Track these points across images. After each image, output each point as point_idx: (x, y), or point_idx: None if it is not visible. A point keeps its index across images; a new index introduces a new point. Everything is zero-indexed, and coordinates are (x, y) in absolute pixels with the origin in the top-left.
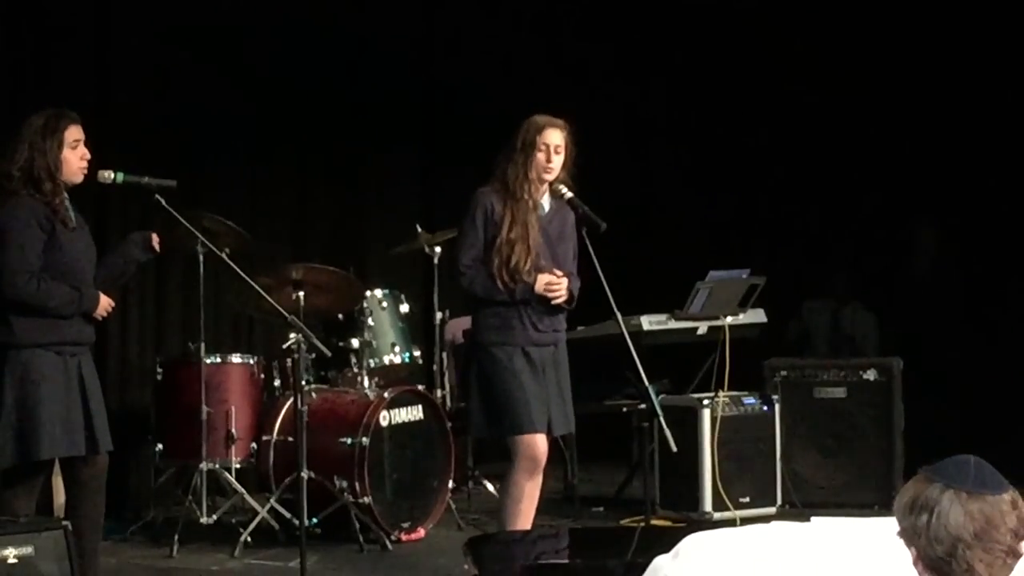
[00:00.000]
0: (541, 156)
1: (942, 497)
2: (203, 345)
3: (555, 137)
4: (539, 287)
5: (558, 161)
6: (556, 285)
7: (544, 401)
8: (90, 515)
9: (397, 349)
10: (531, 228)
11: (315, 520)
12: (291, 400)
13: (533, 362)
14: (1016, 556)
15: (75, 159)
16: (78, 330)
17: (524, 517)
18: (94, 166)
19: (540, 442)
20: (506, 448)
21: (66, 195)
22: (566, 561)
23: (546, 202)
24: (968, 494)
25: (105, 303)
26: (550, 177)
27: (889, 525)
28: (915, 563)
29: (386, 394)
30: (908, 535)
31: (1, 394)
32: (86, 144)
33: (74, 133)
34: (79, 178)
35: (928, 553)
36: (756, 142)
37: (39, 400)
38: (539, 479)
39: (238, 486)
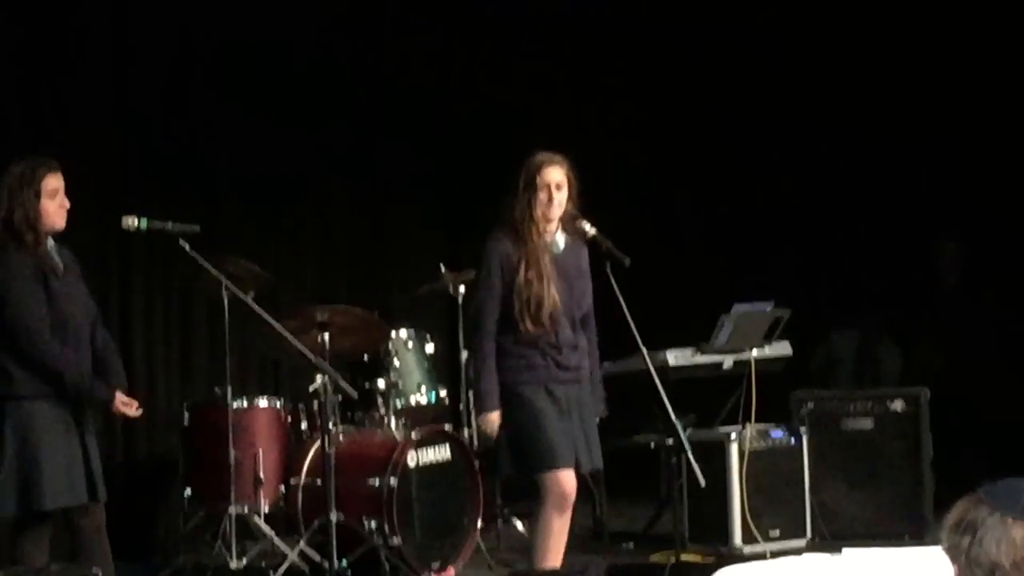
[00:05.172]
0: (543, 196)
1: (987, 520)
2: (229, 389)
3: (555, 175)
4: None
5: (560, 198)
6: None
7: (570, 437)
8: (100, 564)
9: (423, 389)
10: (545, 268)
11: (345, 562)
12: (318, 442)
13: (557, 399)
14: None
15: (54, 208)
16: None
17: (554, 554)
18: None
19: (568, 478)
20: (535, 486)
21: (51, 242)
22: None
23: (561, 240)
24: (1014, 520)
25: (123, 402)
26: (555, 215)
27: (920, 555)
28: None
29: (413, 434)
30: (952, 553)
31: (2, 445)
32: (67, 192)
33: (52, 182)
34: (61, 225)
35: (968, 574)
36: (777, 173)
37: (40, 450)
38: (568, 515)
39: (267, 529)
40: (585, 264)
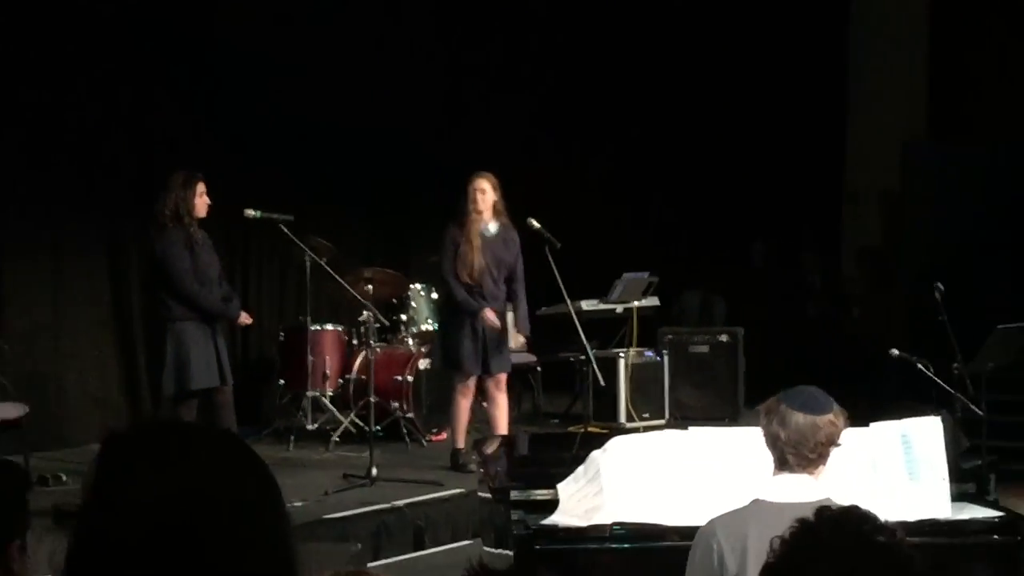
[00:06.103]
0: (475, 196)
1: (779, 409)
2: (308, 318)
3: (483, 184)
4: (485, 321)
5: (484, 200)
6: (495, 323)
7: (479, 352)
8: (228, 427)
9: (430, 321)
10: (475, 243)
11: (378, 428)
12: (364, 352)
13: (475, 327)
14: (824, 458)
15: (202, 204)
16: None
17: (499, 425)
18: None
19: (470, 381)
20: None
21: (195, 224)
22: (536, 454)
23: (492, 227)
24: (793, 411)
25: (245, 316)
26: (483, 208)
27: (734, 432)
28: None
29: (422, 349)
30: (761, 429)
31: (165, 349)
32: (208, 193)
33: (201, 187)
34: (204, 215)
35: (765, 443)
36: (656, 184)
37: (189, 351)
38: (470, 399)
39: (330, 406)
40: (509, 243)
